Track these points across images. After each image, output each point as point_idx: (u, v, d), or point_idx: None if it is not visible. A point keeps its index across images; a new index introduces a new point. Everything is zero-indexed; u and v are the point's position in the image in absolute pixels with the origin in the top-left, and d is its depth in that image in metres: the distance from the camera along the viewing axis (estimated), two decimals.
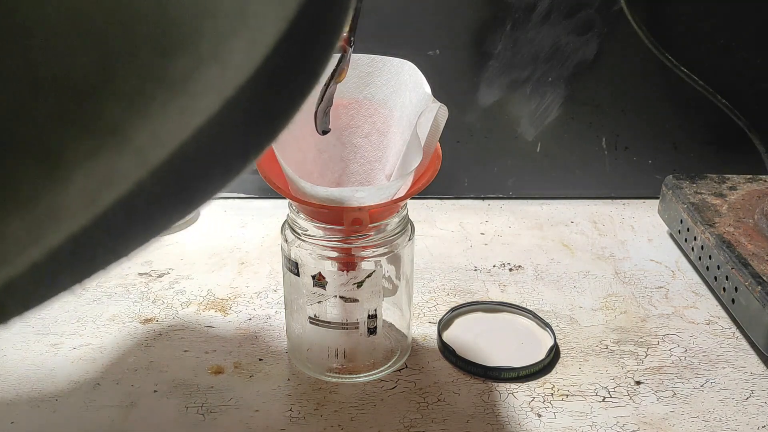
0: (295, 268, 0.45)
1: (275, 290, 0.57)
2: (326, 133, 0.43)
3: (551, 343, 0.49)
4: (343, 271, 0.44)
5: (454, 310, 0.54)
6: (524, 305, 0.54)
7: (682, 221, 0.61)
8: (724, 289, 0.53)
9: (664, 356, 0.49)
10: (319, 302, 0.45)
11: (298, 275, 0.45)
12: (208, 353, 0.49)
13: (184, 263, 0.61)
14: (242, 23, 0.16)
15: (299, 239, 0.44)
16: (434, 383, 0.46)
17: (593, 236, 0.67)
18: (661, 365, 0.49)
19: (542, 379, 0.47)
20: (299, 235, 0.44)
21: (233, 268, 0.61)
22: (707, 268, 0.56)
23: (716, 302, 0.56)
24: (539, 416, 0.44)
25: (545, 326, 0.52)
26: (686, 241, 0.60)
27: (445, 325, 0.52)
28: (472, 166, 0.73)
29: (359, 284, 0.44)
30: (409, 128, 0.45)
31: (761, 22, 0.67)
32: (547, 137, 0.72)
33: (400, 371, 0.48)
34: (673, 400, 0.45)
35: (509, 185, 0.73)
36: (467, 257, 0.63)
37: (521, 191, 0.74)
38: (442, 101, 0.42)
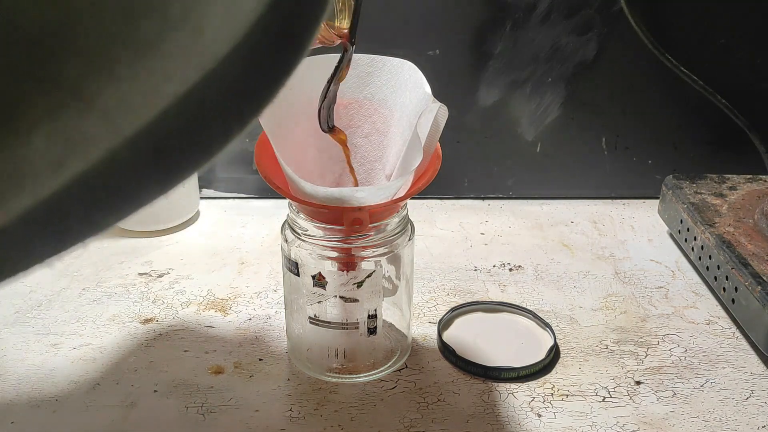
0: (295, 268, 0.45)
1: (275, 290, 0.57)
2: (331, 130, 0.43)
3: (551, 343, 0.49)
4: (343, 271, 0.44)
5: (454, 310, 0.54)
6: (524, 305, 0.54)
7: (682, 221, 0.61)
8: (724, 289, 0.53)
9: (664, 356, 0.49)
10: (319, 302, 0.45)
11: (298, 275, 0.45)
12: (208, 353, 0.49)
13: (184, 263, 0.61)
14: None
15: (299, 239, 0.44)
16: (434, 383, 0.46)
17: (593, 236, 0.67)
18: (661, 365, 0.49)
19: (542, 379, 0.47)
20: (299, 235, 0.44)
21: (233, 268, 0.61)
22: (707, 268, 0.56)
23: (716, 302, 0.56)
24: (539, 416, 0.44)
25: (545, 326, 0.52)
26: (686, 241, 0.60)
27: (445, 325, 0.52)
28: (472, 166, 0.73)
29: (359, 284, 0.44)
30: (409, 128, 0.45)
31: (761, 22, 0.67)
32: (547, 137, 0.72)
33: (400, 371, 0.48)
34: (673, 400, 0.45)
35: (509, 185, 0.73)
36: (467, 257, 0.63)
37: (521, 191, 0.74)
38: (442, 101, 0.42)
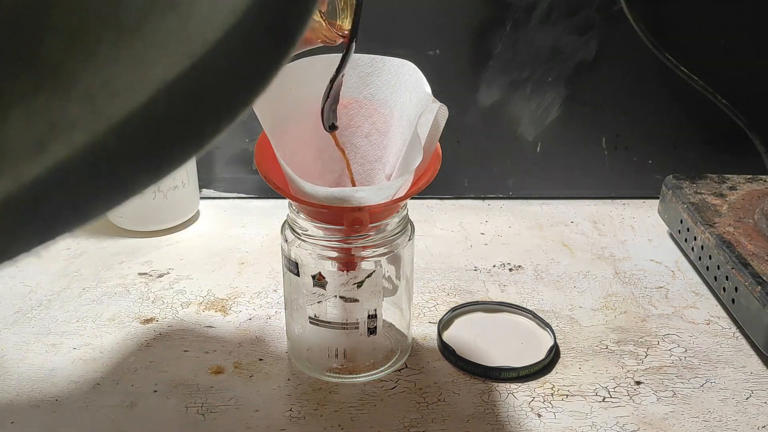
0: (295, 268, 0.45)
1: (275, 290, 0.57)
2: (334, 128, 0.43)
3: (551, 343, 0.49)
4: (343, 271, 0.44)
5: (454, 310, 0.54)
6: (524, 305, 0.54)
7: (682, 221, 0.61)
8: (724, 289, 0.53)
9: (664, 356, 0.49)
10: (319, 302, 0.45)
11: (298, 275, 0.45)
12: (208, 353, 0.49)
13: (184, 263, 0.61)
14: None
15: (299, 239, 0.44)
16: (434, 383, 0.46)
17: (593, 236, 0.67)
18: (661, 365, 0.49)
19: (542, 379, 0.47)
20: (299, 235, 0.44)
21: (233, 268, 0.61)
22: (707, 268, 0.56)
23: (716, 302, 0.56)
24: (539, 416, 0.44)
25: (545, 326, 0.52)
26: (686, 241, 0.60)
27: (445, 325, 0.52)
28: (472, 166, 0.73)
29: (359, 284, 0.44)
30: (409, 128, 0.45)
31: (761, 22, 0.67)
32: (547, 137, 0.72)
33: (400, 371, 0.48)
34: (673, 400, 0.45)
35: (509, 185, 0.73)
36: (467, 257, 0.63)
37: (521, 191, 0.74)
38: (442, 101, 0.42)
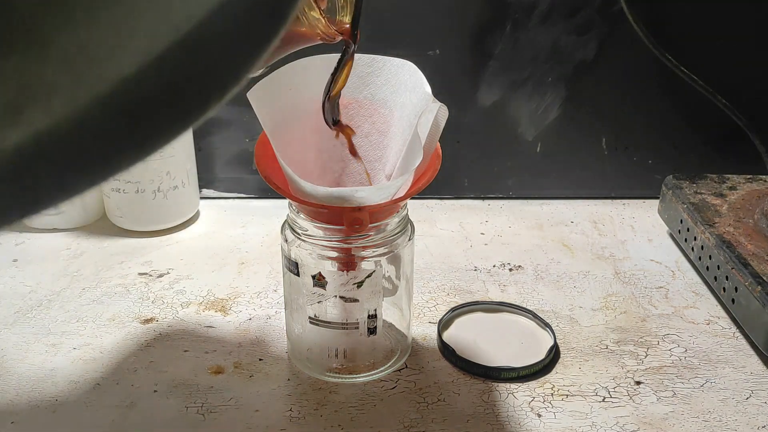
0: (295, 268, 0.45)
1: (275, 290, 0.57)
2: (336, 123, 0.44)
3: (551, 343, 0.49)
4: (343, 271, 0.44)
5: (454, 310, 0.53)
6: (524, 305, 0.54)
7: (682, 221, 0.61)
8: (724, 289, 0.53)
9: (664, 356, 0.49)
10: (319, 302, 0.45)
11: (298, 275, 0.45)
12: (208, 353, 0.49)
13: (184, 263, 0.61)
14: None
15: (299, 239, 0.44)
16: (434, 383, 0.46)
17: (593, 236, 0.67)
18: (661, 365, 0.49)
19: (542, 379, 0.47)
20: (299, 235, 0.44)
21: (233, 268, 0.61)
22: (707, 268, 0.56)
23: (716, 302, 0.56)
24: (539, 416, 0.44)
25: (545, 326, 0.52)
26: (686, 241, 0.60)
27: (445, 325, 0.52)
28: (472, 166, 0.73)
29: (359, 284, 0.44)
30: (409, 128, 0.45)
31: (761, 22, 0.67)
32: (547, 137, 0.72)
33: (400, 371, 0.48)
34: (673, 400, 0.45)
35: (509, 185, 0.73)
36: (467, 257, 0.63)
37: (521, 191, 0.74)
38: (442, 101, 0.42)
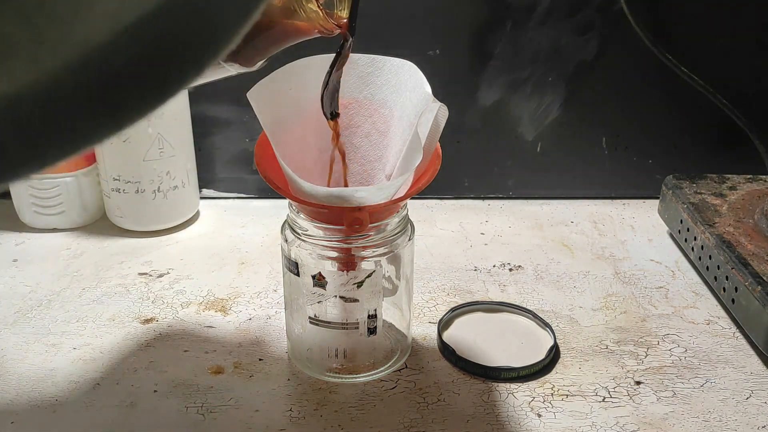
0: (295, 268, 0.45)
1: (275, 290, 0.57)
2: (334, 116, 0.44)
3: (551, 343, 0.49)
4: (343, 271, 0.44)
5: (454, 310, 0.53)
6: (524, 305, 0.54)
7: (682, 221, 0.61)
8: (724, 289, 0.53)
9: (664, 356, 0.49)
10: (319, 302, 0.45)
11: (298, 275, 0.45)
12: (208, 353, 0.49)
13: (184, 263, 0.61)
14: None
15: (299, 239, 0.44)
16: (434, 383, 0.46)
17: (593, 236, 0.67)
18: (661, 365, 0.49)
19: (542, 379, 0.47)
20: (299, 235, 0.44)
21: (233, 268, 0.61)
22: (707, 268, 0.56)
23: (716, 302, 0.56)
24: (539, 416, 0.44)
25: (545, 326, 0.52)
26: (686, 241, 0.60)
27: (445, 325, 0.52)
28: (472, 166, 0.73)
29: (359, 284, 0.44)
30: (409, 128, 0.45)
31: (761, 22, 0.67)
32: (547, 137, 0.72)
33: (400, 371, 0.48)
34: (673, 400, 0.45)
35: (509, 185, 0.73)
36: (467, 257, 0.63)
37: (521, 191, 0.74)
38: (442, 101, 0.42)
